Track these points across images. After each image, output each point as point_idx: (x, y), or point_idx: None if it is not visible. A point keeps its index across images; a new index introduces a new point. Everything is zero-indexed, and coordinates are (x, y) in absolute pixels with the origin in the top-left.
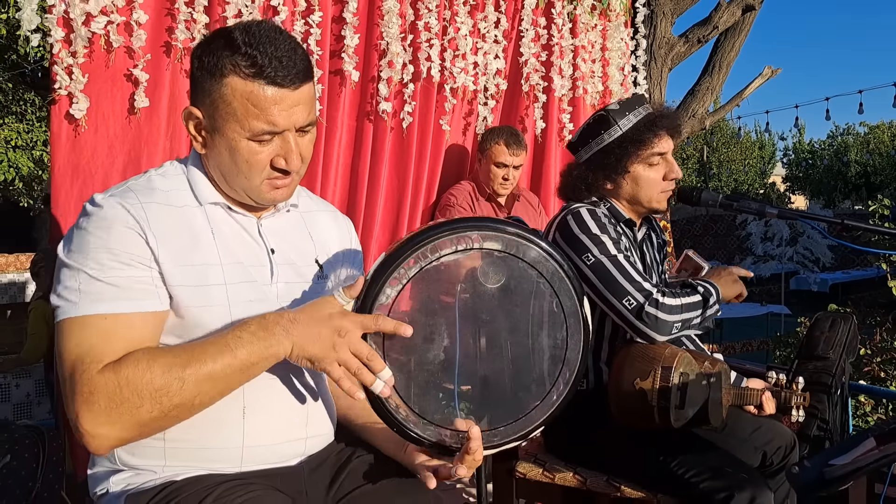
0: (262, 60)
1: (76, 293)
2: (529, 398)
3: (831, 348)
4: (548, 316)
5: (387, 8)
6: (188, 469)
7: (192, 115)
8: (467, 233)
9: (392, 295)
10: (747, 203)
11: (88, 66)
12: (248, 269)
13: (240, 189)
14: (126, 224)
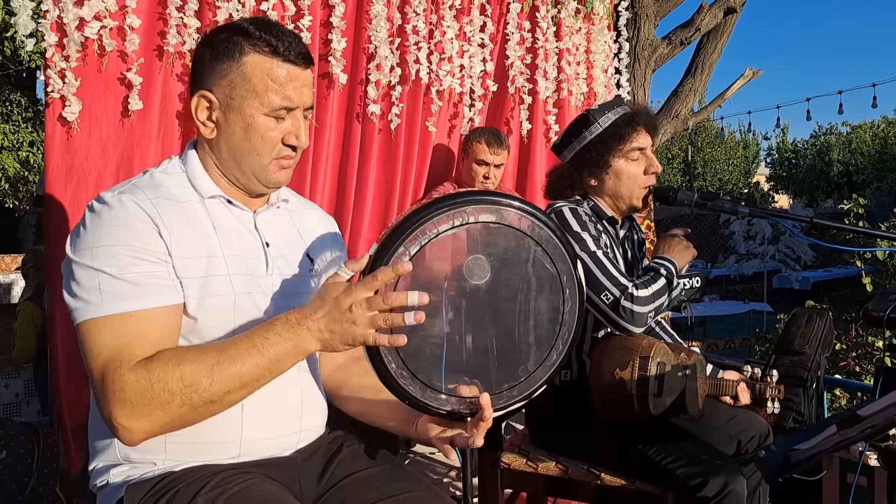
0: (276, 42)
1: (96, 293)
2: (531, 360)
3: (807, 343)
4: (544, 280)
5: (374, 12)
6: (187, 462)
7: (203, 99)
8: (463, 207)
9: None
10: (720, 202)
11: (81, 70)
12: (247, 262)
13: (248, 170)
14: (140, 219)
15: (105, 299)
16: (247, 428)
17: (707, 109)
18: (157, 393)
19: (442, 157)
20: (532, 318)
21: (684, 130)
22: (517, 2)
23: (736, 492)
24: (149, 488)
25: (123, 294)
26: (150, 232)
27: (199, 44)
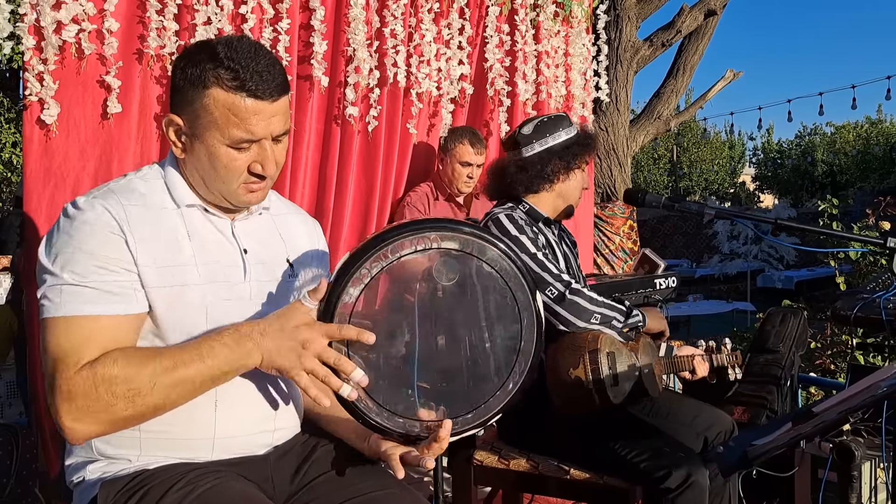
0: (243, 74)
1: (58, 294)
2: (487, 387)
3: (781, 342)
4: (503, 310)
5: (353, 15)
6: (162, 458)
7: (172, 122)
8: (426, 233)
9: (355, 294)
10: (687, 204)
11: (60, 73)
12: (223, 269)
13: (217, 192)
14: (109, 228)
15: (65, 300)
16: (220, 426)
17: (689, 111)
18: (100, 395)
19: (422, 159)
20: (491, 346)
21: (666, 131)
22: (496, 5)
23: (698, 483)
24: (122, 485)
25: (83, 298)
26: (117, 241)
27: (176, 61)
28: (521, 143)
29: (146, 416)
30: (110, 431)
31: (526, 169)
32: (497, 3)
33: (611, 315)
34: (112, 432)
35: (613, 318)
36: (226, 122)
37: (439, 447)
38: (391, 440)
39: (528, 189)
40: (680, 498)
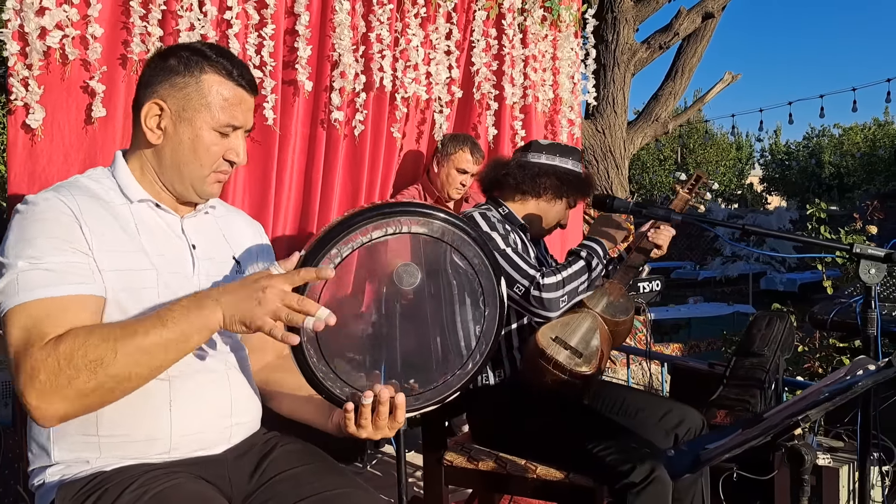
0: (233, 67)
1: (14, 286)
2: (448, 367)
3: (766, 345)
4: (467, 293)
5: (338, 20)
6: (119, 460)
7: (156, 107)
8: (397, 217)
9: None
10: (654, 210)
11: (45, 78)
12: (172, 261)
13: (188, 178)
14: (62, 212)
15: (21, 289)
16: (176, 422)
17: (687, 112)
18: (63, 369)
19: (409, 163)
20: (453, 327)
21: (664, 133)
22: (483, 10)
23: (661, 478)
24: (79, 488)
25: (39, 283)
26: (71, 224)
27: (157, 56)
28: (532, 148)
29: (112, 389)
30: (79, 409)
31: (524, 169)
32: (484, 7)
33: (576, 286)
34: (82, 410)
35: (580, 286)
36: (218, 106)
37: (395, 422)
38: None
39: (517, 188)
40: (643, 492)
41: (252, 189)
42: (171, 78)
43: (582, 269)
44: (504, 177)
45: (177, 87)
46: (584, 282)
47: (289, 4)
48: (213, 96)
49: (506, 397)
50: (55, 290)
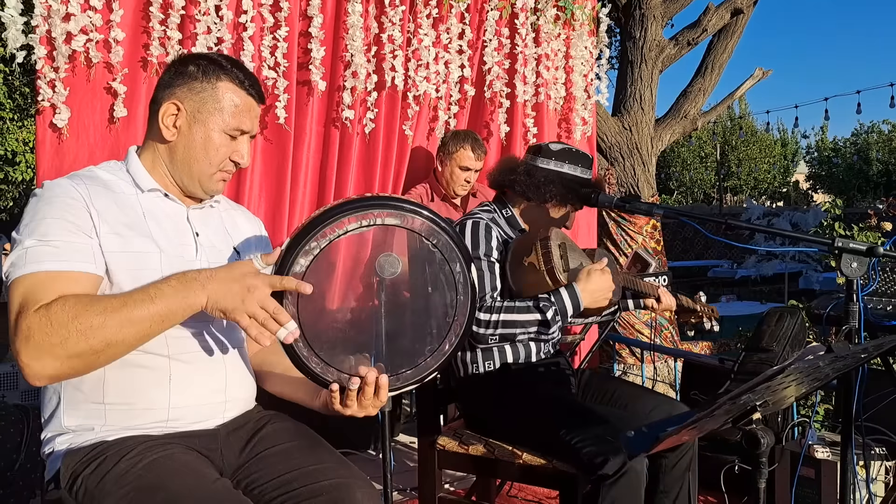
0: (244, 78)
1: (23, 258)
2: (425, 348)
3: (775, 341)
4: (441, 279)
5: (351, 22)
6: (120, 431)
7: (173, 106)
8: (370, 210)
9: (305, 264)
10: (638, 205)
11: (70, 80)
12: (177, 245)
13: (196, 174)
14: (72, 196)
15: (28, 262)
16: (174, 395)
17: (716, 109)
18: (55, 330)
19: (421, 160)
20: (429, 311)
21: (693, 130)
22: (496, 9)
23: (634, 469)
24: (83, 455)
25: (41, 257)
26: (80, 208)
27: (177, 61)
28: (542, 153)
29: (100, 352)
30: (67, 370)
31: (531, 176)
32: (497, 7)
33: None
34: (71, 372)
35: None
36: (230, 111)
37: (378, 400)
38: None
39: (523, 194)
40: (616, 484)
41: (268, 186)
42: (189, 82)
43: (532, 322)
44: (511, 182)
45: (194, 90)
46: (529, 332)
47: (303, 7)
48: (226, 102)
49: (495, 386)
50: (56, 265)
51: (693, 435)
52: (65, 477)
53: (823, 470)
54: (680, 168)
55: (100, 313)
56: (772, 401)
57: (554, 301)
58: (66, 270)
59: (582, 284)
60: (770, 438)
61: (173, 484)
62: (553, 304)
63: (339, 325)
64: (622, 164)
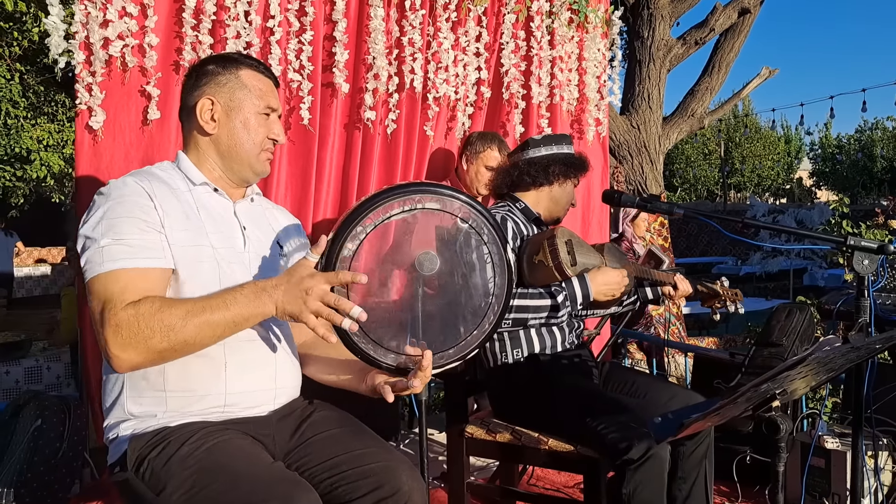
0: (257, 64)
1: (100, 256)
2: (466, 327)
3: (785, 335)
4: (479, 260)
5: (373, 26)
6: (181, 416)
7: (208, 102)
8: (411, 195)
9: (352, 248)
10: (659, 204)
11: (106, 84)
12: (228, 238)
13: (245, 159)
14: (140, 194)
15: (106, 259)
16: (230, 382)
17: (723, 108)
18: (142, 328)
19: (440, 160)
20: (469, 292)
21: (700, 128)
22: (512, 13)
23: (658, 455)
24: (147, 439)
25: (121, 255)
26: (148, 206)
27: (195, 67)
28: (530, 145)
29: (178, 350)
30: (147, 362)
31: (534, 165)
32: (513, 11)
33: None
34: (151, 364)
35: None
36: (257, 94)
37: (424, 376)
38: (382, 372)
39: (533, 182)
40: (640, 468)
41: (293, 185)
42: (214, 78)
43: (544, 307)
44: (519, 176)
45: (221, 84)
46: (540, 317)
47: (327, 12)
48: (251, 86)
49: (523, 375)
50: (134, 262)
51: (716, 421)
52: (131, 459)
53: (833, 460)
54: (684, 165)
55: (181, 317)
56: (789, 390)
57: (564, 287)
58: (142, 267)
59: (592, 276)
60: (788, 424)
61: (233, 465)
62: (563, 290)
63: (384, 306)
64: (630, 163)
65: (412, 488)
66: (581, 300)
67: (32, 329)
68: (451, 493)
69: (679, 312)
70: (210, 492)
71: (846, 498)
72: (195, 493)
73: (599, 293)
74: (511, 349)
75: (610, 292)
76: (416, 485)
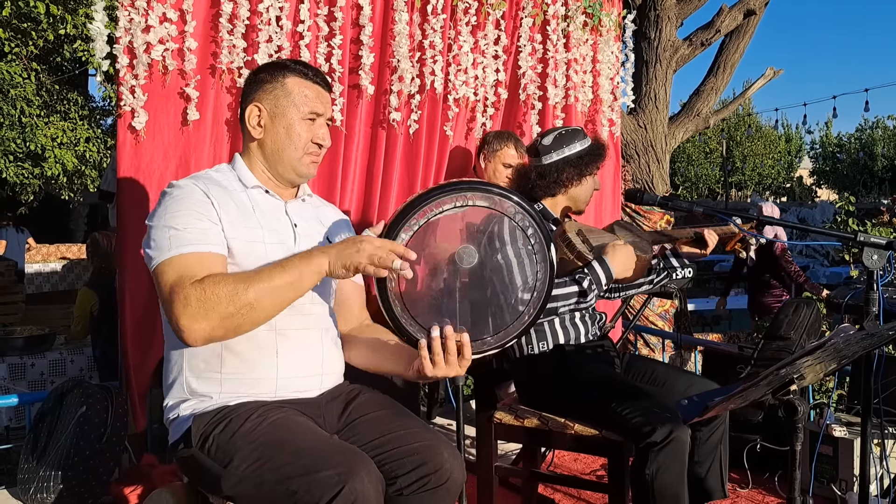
0: (306, 70)
1: (167, 243)
2: (508, 316)
3: (793, 329)
4: (524, 255)
5: (398, 30)
6: (237, 396)
7: (255, 108)
8: (462, 192)
9: (406, 238)
10: (679, 202)
11: (148, 86)
12: (280, 235)
13: (288, 162)
14: (199, 194)
15: (173, 245)
16: (281, 367)
17: (728, 108)
18: (209, 297)
19: (459, 158)
20: (512, 285)
21: (705, 128)
22: (529, 17)
23: (679, 438)
24: (209, 418)
25: (187, 241)
26: (206, 202)
27: (251, 74)
28: (541, 152)
29: (244, 314)
30: (219, 329)
31: (544, 176)
32: (530, 14)
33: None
34: (220, 333)
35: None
36: (302, 100)
37: (465, 361)
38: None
39: (546, 193)
40: (663, 451)
41: (320, 183)
42: (262, 86)
43: (572, 294)
44: (531, 190)
45: (267, 91)
46: (570, 304)
47: (354, 17)
48: (296, 93)
49: (548, 364)
50: (198, 248)
51: (738, 404)
52: (195, 437)
53: (840, 447)
54: (685, 164)
55: (242, 282)
56: (807, 374)
57: (588, 273)
58: (204, 251)
59: (609, 256)
60: (806, 407)
61: (295, 438)
62: (587, 275)
63: (431, 293)
64: (637, 161)
65: (453, 465)
66: (605, 281)
67: (53, 323)
68: (480, 475)
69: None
70: (275, 462)
71: (853, 483)
72: (261, 465)
73: (621, 270)
74: (537, 341)
75: (630, 265)
76: (456, 462)
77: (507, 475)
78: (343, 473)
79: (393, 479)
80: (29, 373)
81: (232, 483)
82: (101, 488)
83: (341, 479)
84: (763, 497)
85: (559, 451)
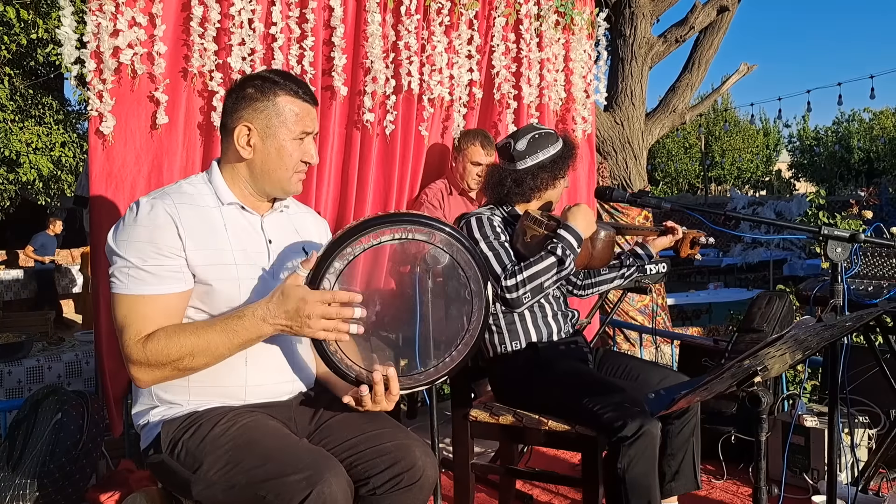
0: (297, 88)
1: (126, 275)
2: (438, 354)
3: (766, 322)
4: (458, 293)
5: (370, 31)
6: (206, 402)
7: (245, 128)
8: (403, 225)
9: (339, 268)
10: (648, 198)
11: (116, 91)
12: (252, 254)
13: (277, 182)
14: (165, 221)
15: (130, 282)
16: (250, 376)
17: (703, 103)
18: (152, 362)
19: (435, 158)
20: (445, 321)
21: (682, 124)
22: (502, 16)
23: (650, 432)
24: (179, 423)
25: (143, 280)
26: (170, 232)
27: (236, 86)
28: (515, 157)
29: (188, 374)
30: (164, 380)
31: (521, 183)
32: (503, 14)
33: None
34: (165, 381)
35: (546, 282)
36: (293, 120)
37: (392, 395)
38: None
39: (522, 199)
40: (634, 444)
41: None
42: (252, 104)
43: (552, 265)
44: (507, 196)
45: (258, 110)
46: (552, 276)
47: (326, 18)
48: (287, 113)
49: (522, 363)
50: (153, 289)
51: (704, 396)
52: (165, 442)
53: (812, 437)
54: (665, 159)
55: (189, 351)
56: (770, 367)
57: (558, 240)
58: (160, 294)
59: (571, 219)
60: (769, 398)
61: (265, 442)
62: (558, 242)
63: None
64: (615, 158)
65: (426, 463)
66: (576, 242)
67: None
68: (457, 473)
69: (664, 303)
70: (244, 466)
71: (824, 472)
72: (230, 469)
73: (585, 225)
74: (510, 340)
75: (591, 219)
76: (428, 460)
77: (484, 472)
78: (311, 477)
79: (366, 480)
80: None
81: (201, 488)
82: (77, 495)
83: (310, 482)
84: (737, 488)
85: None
